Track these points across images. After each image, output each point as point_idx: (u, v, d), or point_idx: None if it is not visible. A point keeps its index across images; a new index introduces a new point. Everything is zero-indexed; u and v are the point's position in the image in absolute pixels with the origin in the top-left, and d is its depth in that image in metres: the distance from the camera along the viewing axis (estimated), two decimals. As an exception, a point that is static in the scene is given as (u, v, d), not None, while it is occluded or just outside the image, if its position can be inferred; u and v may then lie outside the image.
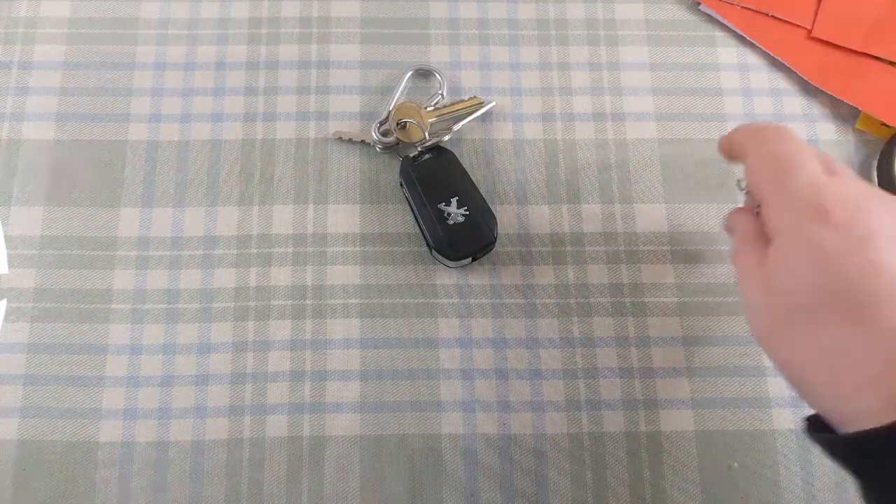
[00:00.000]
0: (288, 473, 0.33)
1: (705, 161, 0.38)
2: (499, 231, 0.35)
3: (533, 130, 0.38)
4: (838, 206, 0.23)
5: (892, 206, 0.24)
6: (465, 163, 0.37)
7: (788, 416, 0.34)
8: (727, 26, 0.40)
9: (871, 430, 0.21)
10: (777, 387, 0.34)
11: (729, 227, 0.31)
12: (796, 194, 0.24)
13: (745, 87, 0.39)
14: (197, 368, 0.34)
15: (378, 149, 0.37)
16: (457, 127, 0.37)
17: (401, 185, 0.36)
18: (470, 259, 0.35)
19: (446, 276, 0.35)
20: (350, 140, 0.37)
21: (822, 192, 0.24)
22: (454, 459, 0.33)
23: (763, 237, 0.27)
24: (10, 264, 0.35)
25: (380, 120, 0.37)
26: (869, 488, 0.23)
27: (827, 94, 0.38)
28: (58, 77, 0.38)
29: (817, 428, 0.24)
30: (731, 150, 0.29)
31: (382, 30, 0.39)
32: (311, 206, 0.36)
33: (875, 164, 0.37)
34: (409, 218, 0.36)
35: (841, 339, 0.23)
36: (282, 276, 0.35)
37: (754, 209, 0.29)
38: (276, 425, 0.33)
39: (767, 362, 0.34)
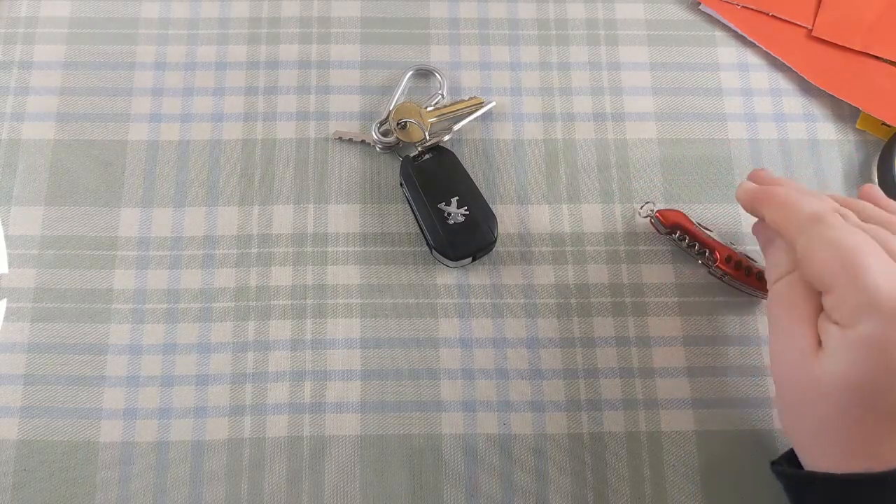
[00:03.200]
0: (288, 474, 0.33)
1: (705, 161, 0.38)
2: (499, 231, 0.35)
3: (533, 130, 0.38)
4: None
5: None
6: (466, 163, 0.37)
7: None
8: (727, 26, 0.40)
9: (856, 474, 0.24)
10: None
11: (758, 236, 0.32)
12: (875, 296, 0.23)
13: (745, 87, 0.39)
14: (197, 368, 0.34)
15: (378, 149, 0.37)
16: (457, 127, 0.37)
17: (401, 185, 0.36)
18: (470, 259, 0.35)
19: (446, 276, 0.35)
20: (350, 140, 0.37)
21: None
22: (455, 459, 0.33)
23: (801, 279, 0.27)
24: (10, 264, 0.35)
25: (380, 120, 0.37)
26: None
27: (827, 94, 0.38)
28: (58, 77, 0.38)
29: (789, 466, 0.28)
30: (770, 224, 0.29)
31: (382, 30, 0.39)
32: (311, 206, 0.36)
33: (875, 164, 0.37)
34: (410, 218, 0.36)
35: (862, 430, 0.24)
36: (282, 276, 0.35)
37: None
38: (277, 425, 0.33)
39: (767, 362, 0.34)
